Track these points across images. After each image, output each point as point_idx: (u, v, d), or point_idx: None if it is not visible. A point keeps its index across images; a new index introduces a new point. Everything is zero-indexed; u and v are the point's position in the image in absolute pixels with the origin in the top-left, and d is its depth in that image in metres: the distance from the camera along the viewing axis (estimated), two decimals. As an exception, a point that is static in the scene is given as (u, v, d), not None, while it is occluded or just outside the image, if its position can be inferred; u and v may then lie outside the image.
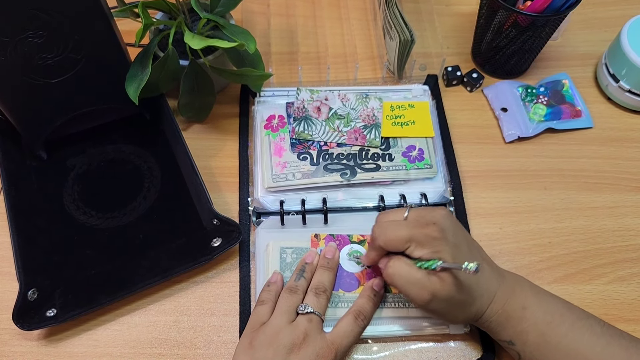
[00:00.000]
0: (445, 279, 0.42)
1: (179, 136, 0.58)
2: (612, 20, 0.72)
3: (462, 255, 0.43)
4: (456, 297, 0.43)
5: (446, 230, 0.43)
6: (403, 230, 0.44)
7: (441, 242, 0.43)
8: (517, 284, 0.46)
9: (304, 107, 0.59)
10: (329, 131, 0.58)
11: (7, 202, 0.54)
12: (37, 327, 0.48)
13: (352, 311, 0.48)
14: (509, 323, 0.44)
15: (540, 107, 0.64)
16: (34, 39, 0.49)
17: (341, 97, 0.59)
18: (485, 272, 0.45)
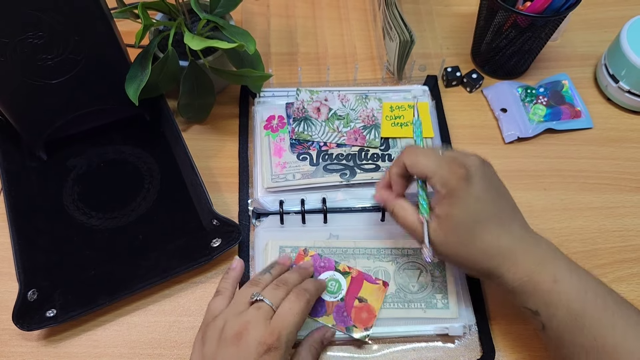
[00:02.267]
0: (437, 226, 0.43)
1: (178, 137, 0.58)
2: (612, 20, 0.72)
3: (479, 208, 0.42)
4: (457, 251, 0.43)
5: (473, 179, 0.42)
6: (434, 159, 0.44)
7: (462, 189, 0.42)
8: (550, 253, 0.43)
9: (303, 108, 0.59)
10: (329, 132, 0.58)
11: (7, 203, 0.54)
12: (37, 327, 0.48)
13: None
14: (537, 293, 0.42)
15: (540, 108, 0.64)
16: (34, 39, 0.49)
17: (341, 98, 0.59)
18: (493, 232, 0.42)
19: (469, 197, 0.42)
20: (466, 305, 0.51)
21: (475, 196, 0.42)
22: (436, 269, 0.52)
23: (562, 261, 0.43)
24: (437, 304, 0.50)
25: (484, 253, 0.43)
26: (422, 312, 0.50)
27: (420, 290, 0.51)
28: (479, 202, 0.42)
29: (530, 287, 0.42)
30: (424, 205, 0.45)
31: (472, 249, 0.43)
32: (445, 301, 0.51)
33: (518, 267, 0.42)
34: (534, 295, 0.42)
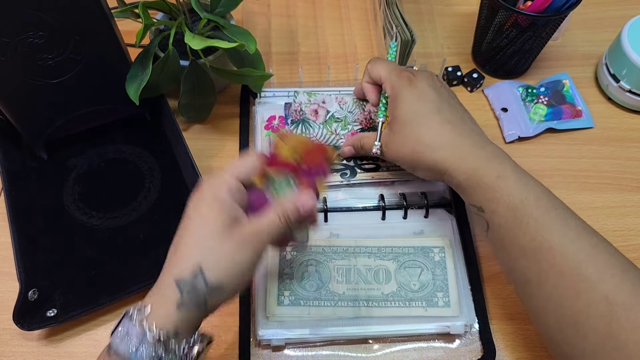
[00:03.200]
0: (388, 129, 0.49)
1: (179, 136, 0.58)
2: (613, 20, 0.72)
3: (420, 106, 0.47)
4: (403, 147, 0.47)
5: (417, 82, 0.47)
6: (389, 67, 0.49)
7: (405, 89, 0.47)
8: (498, 156, 0.45)
9: (301, 110, 0.59)
10: (327, 134, 0.58)
11: (8, 203, 0.54)
12: (37, 327, 0.48)
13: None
14: (480, 188, 0.43)
15: (541, 107, 0.64)
16: (35, 39, 0.49)
17: (338, 100, 0.59)
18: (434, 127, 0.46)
19: (411, 95, 0.47)
20: (467, 303, 0.51)
21: (417, 94, 0.47)
22: (437, 268, 0.52)
23: (508, 162, 0.45)
24: (438, 302, 0.50)
25: (427, 146, 0.46)
26: (423, 311, 0.50)
27: (421, 288, 0.51)
28: (420, 100, 0.47)
29: (474, 181, 0.44)
30: (383, 109, 0.52)
31: (416, 144, 0.46)
32: (446, 299, 0.50)
33: (463, 161, 0.44)
34: (478, 190, 0.44)
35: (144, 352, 0.33)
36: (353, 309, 0.50)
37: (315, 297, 0.51)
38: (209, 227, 0.36)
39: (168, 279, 0.35)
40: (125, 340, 0.34)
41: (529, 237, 0.41)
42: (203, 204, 0.38)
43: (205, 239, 0.36)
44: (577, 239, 0.40)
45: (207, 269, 0.35)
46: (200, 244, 0.36)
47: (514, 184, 0.43)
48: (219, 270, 0.35)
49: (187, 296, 0.35)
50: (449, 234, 0.54)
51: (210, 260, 0.35)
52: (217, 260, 0.35)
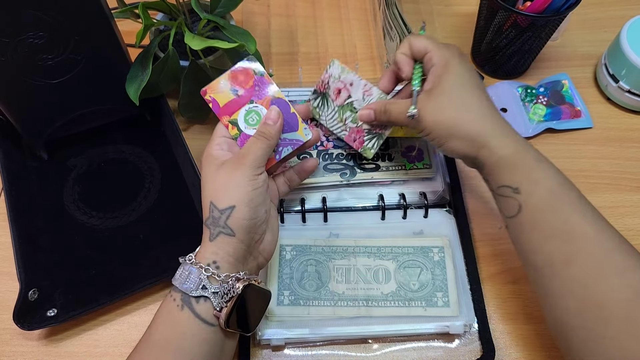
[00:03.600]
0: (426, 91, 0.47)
1: (179, 136, 0.58)
2: (612, 20, 0.72)
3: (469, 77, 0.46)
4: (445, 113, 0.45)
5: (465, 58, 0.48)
6: (433, 41, 0.49)
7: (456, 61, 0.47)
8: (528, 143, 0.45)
9: (328, 84, 0.54)
10: (336, 120, 0.55)
11: (8, 203, 0.54)
12: (37, 327, 0.48)
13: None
14: (522, 167, 0.43)
15: (540, 108, 0.64)
16: (35, 39, 0.49)
17: (365, 90, 0.54)
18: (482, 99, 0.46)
19: (461, 65, 0.47)
20: (467, 303, 0.51)
21: (466, 67, 0.47)
22: (437, 268, 0.52)
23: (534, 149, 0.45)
24: (438, 302, 0.50)
25: (477, 114, 0.45)
26: (423, 311, 0.50)
27: (421, 288, 0.51)
28: (469, 72, 0.47)
29: (517, 159, 0.43)
30: (418, 80, 0.49)
31: (464, 110, 0.45)
32: (445, 299, 0.51)
33: (506, 137, 0.44)
34: (519, 169, 0.43)
35: (191, 281, 0.40)
36: (353, 309, 0.50)
37: (315, 297, 0.51)
38: (208, 175, 0.44)
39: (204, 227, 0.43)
40: (179, 275, 0.41)
41: (562, 219, 0.41)
42: (203, 164, 0.45)
43: (207, 183, 0.44)
44: (607, 229, 0.41)
45: (216, 201, 0.42)
46: (206, 188, 0.44)
47: (553, 169, 0.44)
48: (222, 194, 0.42)
49: (213, 227, 0.42)
50: (449, 234, 0.55)
51: (214, 193, 0.43)
52: (218, 189, 0.43)
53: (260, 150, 0.44)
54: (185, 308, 0.40)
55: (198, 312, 0.40)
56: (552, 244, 0.41)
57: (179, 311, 0.40)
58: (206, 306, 0.40)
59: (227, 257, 0.41)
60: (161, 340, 0.40)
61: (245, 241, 0.42)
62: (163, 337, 0.40)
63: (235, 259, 0.42)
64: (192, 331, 0.39)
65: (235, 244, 0.42)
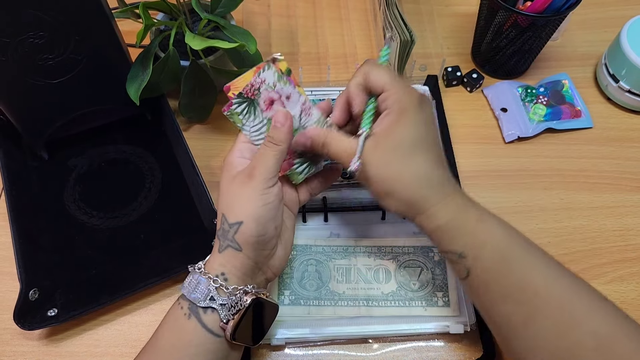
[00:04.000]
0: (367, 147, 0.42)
1: (179, 136, 0.58)
2: (612, 20, 0.72)
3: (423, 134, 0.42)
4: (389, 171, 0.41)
5: (424, 106, 0.43)
6: (393, 77, 0.43)
7: (414, 110, 0.42)
8: (470, 199, 0.43)
9: (258, 90, 0.44)
10: (263, 133, 0.45)
11: (9, 202, 0.54)
12: (38, 326, 0.48)
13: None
14: (464, 230, 0.41)
15: (540, 107, 0.64)
16: (35, 39, 0.49)
17: (304, 108, 0.45)
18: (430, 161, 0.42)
19: (418, 120, 0.42)
20: (467, 303, 0.51)
21: (423, 123, 0.42)
22: (437, 267, 0.52)
23: (478, 204, 0.43)
24: (438, 302, 0.51)
25: (417, 179, 0.41)
26: (423, 310, 0.50)
27: (421, 288, 0.51)
28: (425, 130, 0.42)
29: (458, 223, 0.41)
30: (369, 120, 0.43)
31: (406, 173, 0.41)
32: (446, 299, 0.51)
33: (447, 202, 0.41)
34: (461, 233, 0.41)
35: (199, 291, 0.40)
36: (353, 309, 0.50)
37: (315, 296, 0.51)
38: (223, 185, 0.43)
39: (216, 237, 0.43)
40: (188, 284, 0.41)
41: (514, 279, 0.39)
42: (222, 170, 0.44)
43: (222, 194, 0.43)
44: (560, 277, 0.39)
45: (226, 213, 0.42)
46: (221, 200, 0.43)
47: (497, 226, 0.41)
48: (233, 208, 0.41)
49: (222, 239, 0.42)
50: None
51: (227, 206, 0.42)
52: (230, 202, 0.42)
53: (272, 159, 0.42)
54: (192, 317, 0.40)
55: (205, 322, 0.39)
56: (509, 305, 0.39)
57: (186, 320, 0.40)
58: (213, 317, 0.40)
59: (234, 271, 0.41)
60: (167, 347, 0.40)
61: (252, 257, 0.41)
62: (169, 344, 0.40)
63: (243, 273, 0.41)
64: (198, 340, 0.39)
65: (242, 259, 0.41)
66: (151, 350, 0.40)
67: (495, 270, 0.40)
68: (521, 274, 0.39)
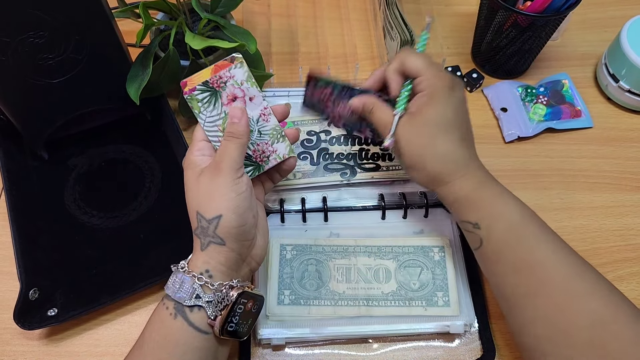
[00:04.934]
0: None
1: (179, 136, 0.58)
2: (612, 20, 0.72)
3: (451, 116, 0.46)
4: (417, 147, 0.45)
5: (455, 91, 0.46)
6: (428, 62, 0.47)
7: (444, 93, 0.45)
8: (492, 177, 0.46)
9: (225, 83, 0.45)
10: (217, 126, 0.45)
11: (9, 202, 0.54)
12: (38, 326, 0.48)
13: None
14: (479, 205, 0.44)
15: (540, 107, 0.64)
16: (35, 39, 0.49)
17: (262, 112, 0.46)
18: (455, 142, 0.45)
19: (447, 103, 0.46)
20: (467, 303, 0.51)
21: (452, 105, 0.46)
22: (437, 267, 0.52)
23: (500, 184, 0.46)
24: (438, 302, 0.51)
25: (442, 156, 0.45)
26: (423, 310, 0.50)
27: (421, 288, 0.51)
28: (453, 111, 0.46)
29: (475, 197, 0.45)
30: (404, 101, 0.47)
31: (432, 149, 0.45)
32: (446, 299, 0.51)
33: (469, 177, 0.45)
34: (478, 206, 0.44)
35: (184, 290, 0.40)
36: (353, 308, 0.50)
37: (315, 296, 0.51)
38: (190, 184, 0.43)
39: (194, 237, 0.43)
40: (172, 284, 0.41)
41: (525, 252, 0.42)
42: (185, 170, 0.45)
43: (192, 193, 0.43)
44: (568, 256, 0.42)
45: (202, 211, 0.42)
46: (192, 198, 0.43)
47: (513, 203, 0.44)
48: (208, 205, 0.42)
49: (202, 237, 0.42)
50: (449, 234, 0.55)
51: (200, 203, 0.42)
52: (203, 200, 0.42)
53: (235, 151, 0.43)
54: (178, 317, 0.40)
55: (192, 320, 0.39)
56: (516, 277, 0.42)
57: (172, 320, 0.40)
58: (200, 315, 0.40)
59: (219, 266, 0.41)
60: (155, 349, 0.39)
61: (236, 249, 0.42)
62: (157, 345, 0.40)
63: (228, 268, 0.42)
64: (185, 339, 0.39)
65: (227, 253, 0.41)
66: (138, 353, 0.40)
67: (507, 242, 0.43)
68: (530, 249, 0.42)
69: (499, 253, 0.43)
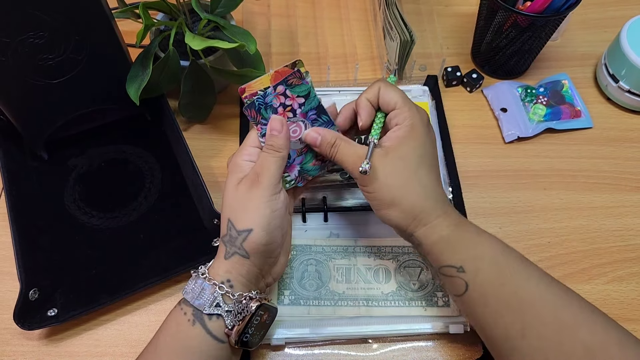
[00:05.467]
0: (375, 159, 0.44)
1: (179, 136, 0.58)
2: (612, 20, 0.72)
3: (430, 152, 0.45)
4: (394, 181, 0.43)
5: (431, 127, 0.46)
6: (404, 96, 0.46)
7: (423, 128, 0.44)
8: (464, 219, 0.45)
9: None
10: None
11: (9, 202, 0.54)
12: (38, 326, 0.48)
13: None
14: (462, 245, 0.42)
15: (540, 108, 0.64)
16: (35, 39, 0.49)
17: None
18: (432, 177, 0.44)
19: (426, 138, 0.45)
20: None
21: (430, 140, 0.45)
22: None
23: (474, 224, 0.45)
24: (438, 302, 0.51)
25: (423, 190, 0.43)
26: (423, 310, 0.50)
27: (421, 288, 0.51)
28: (431, 147, 0.45)
29: (457, 237, 0.42)
30: (377, 132, 0.46)
31: (414, 182, 0.43)
32: (445, 299, 0.51)
33: (448, 215, 0.43)
34: (462, 246, 0.42)
35: (205, 297, 0.40)
36: (353, 309, 0.50)
37: (315, 296, 0.51)
38: (229, 189, 0.43)
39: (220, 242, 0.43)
40: (192, 289, 0.41)
41: (511, 290, 0.40)
42: (228, 171, 0.45)
43: (228, 199, 0.43)
44: (550, 285, 0.41)
45: (234, 220, 0.42)
46: (226, 204, 0.43)
47: (493, 240, 0.43)
48: (241, 215, 0.42)
49: (229, 246, 0.42)
50: (449, 234, 0.55)
51: (234, 211, 0.42)
52: (237, 208, 0.42)
53: (273, 164, 0.43)
54: (197, 324, 0.39)
55: (210, 328, 0.40)
56: (506, 318, 0.40)
57: (190, 326, 0.40)
58: (218, 323, 0.40)
59: (239, 277, 0.41)
60: (169, 353, 0.40)
61: (258, 265, 0.42)
62: (171, 350, 0.40)
63: (248, 280, 0.42)
64: (201, 347, 0.39)
65: (249, 267, 0.42)
66: (151, 357, 0.40)
67: (494, 282, 0.41)
68: (517, 285, 0.40)
69: (486, 295, 0.41)
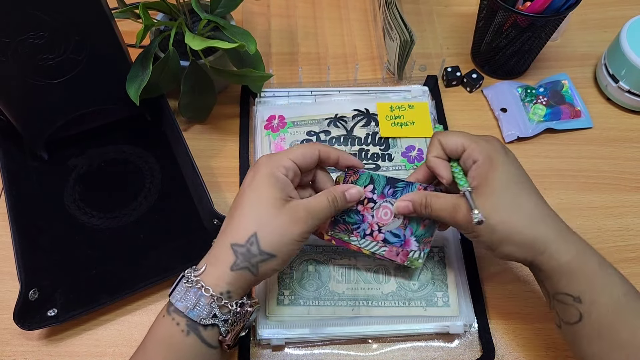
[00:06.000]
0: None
1: (179, 136, 0.58)
2: (612, 20, 0.72)
3: (519, 174, 0.42)
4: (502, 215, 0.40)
5: (508, 151, 0.44)
6: (466, 135, 0.44)
7: (502, 155, 0.42)
8: (587, 243, 0.42)
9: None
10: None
11: (8, 203, 0.54)
12: (38, 326, 0.48)
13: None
14: (582, 275, 0.39)
15: (540, 108, 0.64)
16: (35, 39, 0.49)
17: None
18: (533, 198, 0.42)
19: (509, 162, 0.43)
20: (466, 303, 0.51)
21: (515, 163, 0.43)
22: (437, 267, 0.52)
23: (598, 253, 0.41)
24: (438, 302, 0.51)
25: (532, 216, 0.41)
26: (423, 310, 0.50)
27: (421, 288, 0.51)
28: (518, 169, 0.43)
29: (578, 265, 0.40)
30: (463, 179, 0.43)
31: (520, 212, 0.41)
32: (445, 299, 0.51)
33: (566, 239, 0.40)
34: (580, 276, 0.39)
35: (201, 309, 0.38)
36: (353, 309, 0.50)
37: (315, 296, 0.51)
38: (264, 200, 0.40)
39: (223, 245, 0.40)
40: (184, 298, 0.38)
41: (629, 331, 0.38)
42: (260, 179, 0.42)
43: (260, 210, 0.40)
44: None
45: (261, 237, 0.39)
46: (255, 214, 0.40)
47: (615, 274, 0.40)
48: (272, 239, 0.40)
49: (241, 259, 0.39)
50: (449, 234, 0.55)
51: (265, 230, 0.40)
52: (271, 231, 0.40)
53: (327, 215, 0.43)
54: (191, 334, 0.38)
55: (205, 337, 0.39)
56: (620, 355, 0.38)
57: (184, 336, 0.38)
58: (213, 332, 0.39)
59: (239, 290, 0.41)
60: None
61: (260, 280, 0.42)
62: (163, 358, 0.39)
63: (244, 290, 0.41)
64: (194, 354, 0.39)
65: (251, 281, 0.41)
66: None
67: (612, 319, 0.39)
68: (636, 328, 0.38)
69: (602, 330, 0.39)
